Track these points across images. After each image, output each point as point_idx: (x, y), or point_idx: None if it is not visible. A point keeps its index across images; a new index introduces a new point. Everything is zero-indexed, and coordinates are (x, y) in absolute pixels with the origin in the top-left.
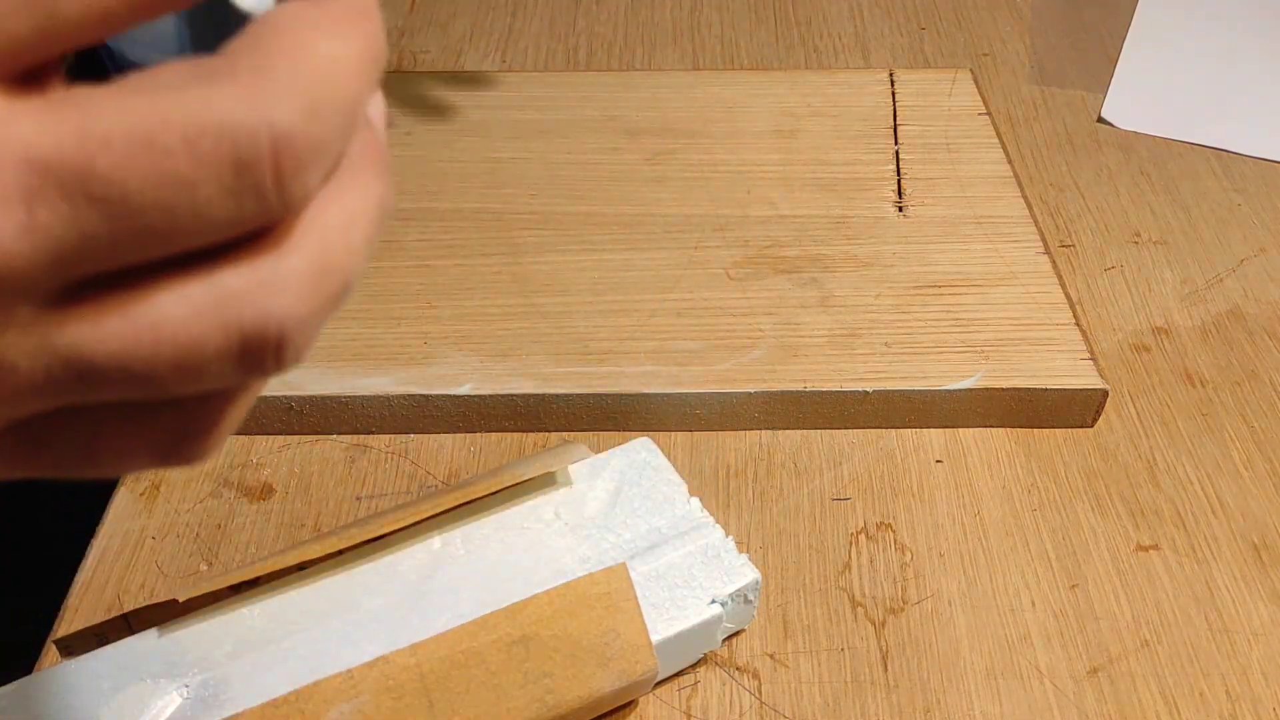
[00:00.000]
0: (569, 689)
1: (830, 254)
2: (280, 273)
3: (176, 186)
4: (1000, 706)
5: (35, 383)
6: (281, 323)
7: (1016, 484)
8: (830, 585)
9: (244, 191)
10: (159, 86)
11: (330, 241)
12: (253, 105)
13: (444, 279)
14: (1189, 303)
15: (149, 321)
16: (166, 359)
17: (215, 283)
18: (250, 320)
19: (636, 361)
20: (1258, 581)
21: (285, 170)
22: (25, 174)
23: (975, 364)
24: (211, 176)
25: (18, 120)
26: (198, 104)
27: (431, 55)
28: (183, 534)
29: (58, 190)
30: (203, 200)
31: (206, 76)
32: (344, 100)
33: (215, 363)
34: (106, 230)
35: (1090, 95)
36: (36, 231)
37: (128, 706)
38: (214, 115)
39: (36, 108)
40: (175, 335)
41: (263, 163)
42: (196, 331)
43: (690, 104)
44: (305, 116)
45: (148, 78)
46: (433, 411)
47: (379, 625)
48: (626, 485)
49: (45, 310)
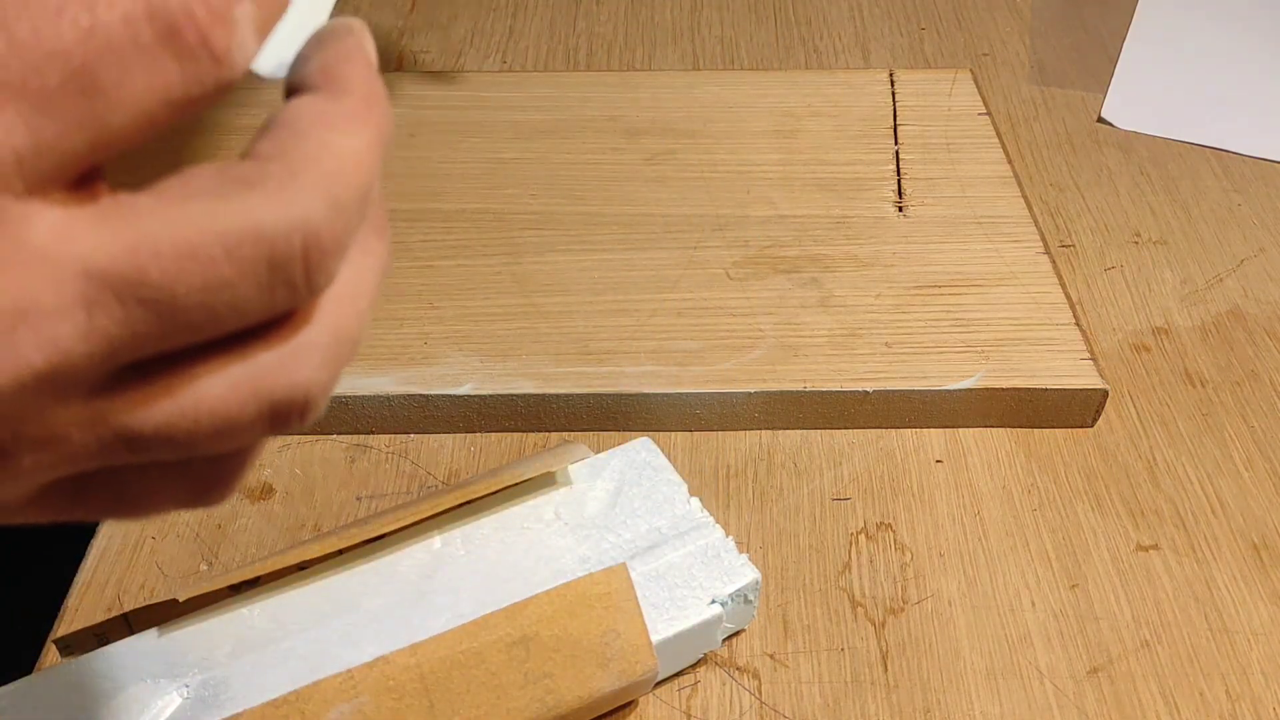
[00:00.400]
0: (569, 689)
1: (830, 254)
2: (304, 346)
3: (219, 288)
4: (1000, 706)
5: (87, 451)
6: (307, 390)
7: (1016, 484)
8: (830, 585)
9: (277, 286)
10: (199, 194)
11: (344, 310)
12: (285, 211)
13: (445, 279)
14: (1189, 303)
15: (191, 398)
16: (205, 429)
17: (248, 360)
18: (281, 391)
19: (636, 361)
20: (1258, 581)
21: (314, 265)
22: (84, 284)
23: (975, 364)
24: (249, 277)
25: (77, 235)
26: (236, 213)
27: (432, 56)
28: (183, 534)
29: (114, 298)
30: (241, 297)
31: (242, 183)
32: (361, 191)
33: (248, 429)
34: (156, 328)
35: (1090, 95)
36: (94, 335)
37: (128, 706)
38: (251, 223)
39: (91, 219)
40: (214, 409)
41: (295, 261)
42: (234, 404)
43: (690, 104)
44: (330, 213)
45: (187, 184)
46: (433, 411)
47: (379, 625)
48: (626, 485)
49: (97, 392)
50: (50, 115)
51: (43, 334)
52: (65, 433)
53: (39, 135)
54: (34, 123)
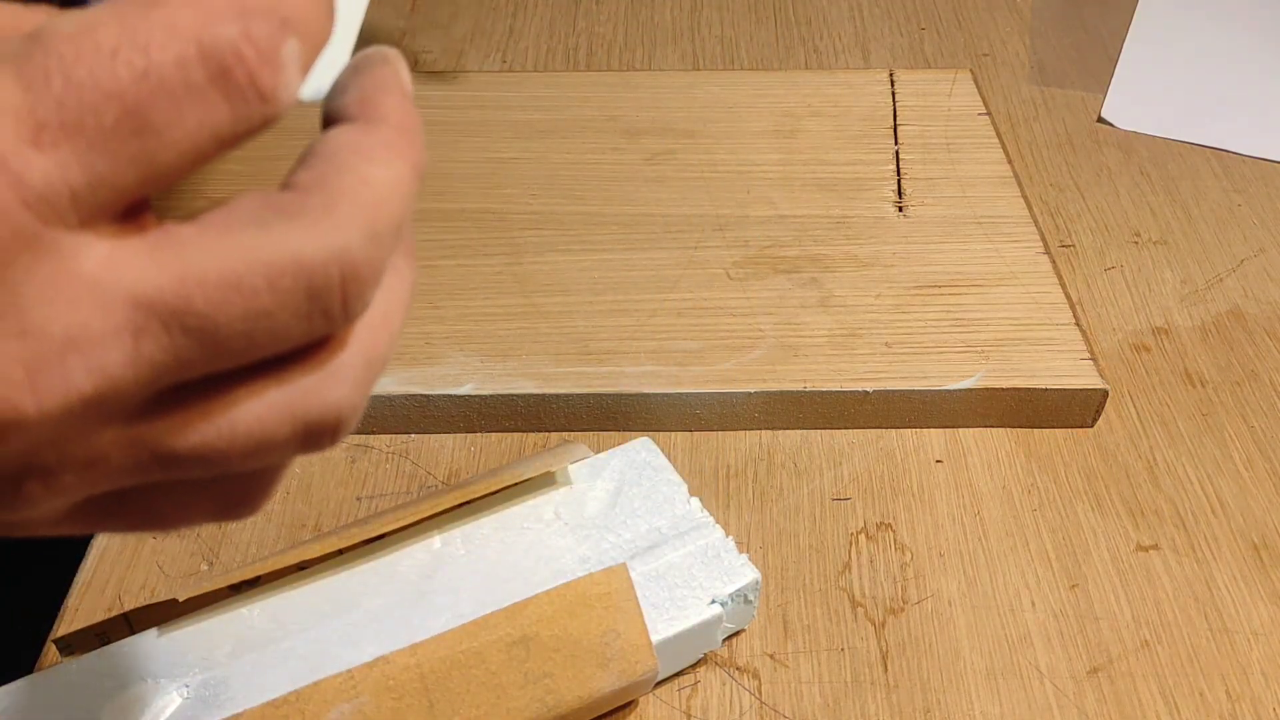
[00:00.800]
0: (569, 689)
1: (830, 254)
2: (339, 369)
3: (259, 317)
4: (1000, 706)
5: (125, 470)
6: (339, 411)
7: (1016, 484)
8: (830, 585)
9: (315, 315)
10: (242, 225)
11: (377, 334)
12: (324, 241)
13: (445, 279)
14: (1189, 303)
15: (228, 420)
16: (241, 449)
17: (284, 383)
18: (315, 412)
19: (636, 361)
20: (1258, 581)
21: (351, 295)
22: (132, 313)
23: (975, 364)
24: (289, 306)
25: (125, 265)
26: (277, 245)
27: (433, 56)
28: (183, 534)
29: (160, 325)
30: (281, 325)
31: (283, 215)
32: (397, 221)
33: (282, 448)
34: (199, 355)
35: (1090, 95)
36: (140, 360)
37: (128, 706)
38: (291, 254)
39: (139, 250)
40: (250, 430)
41: (333, 291)
42: (270, 425)
43: (690, 104)
44: (368, 244)
45: (230, 214)
46: (433, 411)
47: (379, 625)
48: (626, 485)
49: (138, 414)
50: (104, 153)
51: (92, 361)
52: (106, 453)
53: (92, 172)
54: (88, 160)
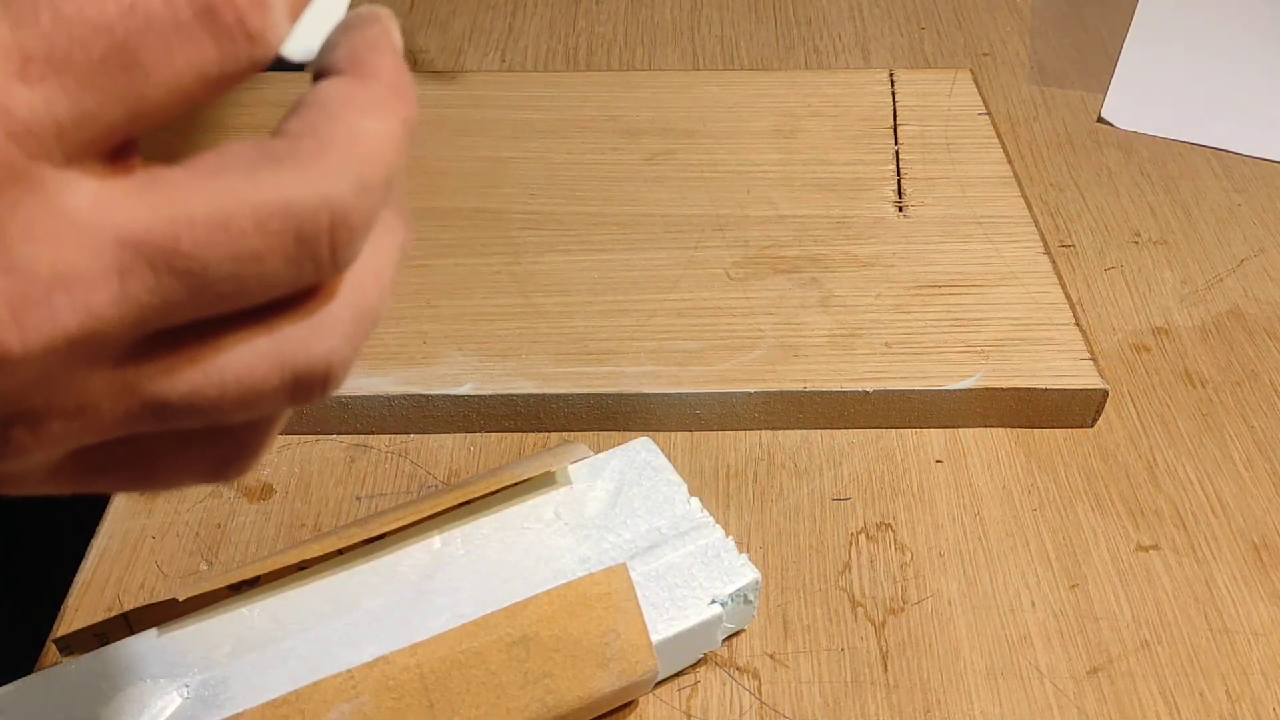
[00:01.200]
0: (569, 689)
1: (830, 254)
2: (328, 319)
3: (248, 260)
4: (1000, 706)
5: (116, 419)
6: (329, 362)
7: (1016, 484)
8: (830, 585)
9: (304, 260)
10: (231, 169)
11: (367, 287)
12: (313, 187)
13: (444, 278)
14: (1189, 303)
15: (217, 367)
16: (230, 397)
17: (274, 331)
18: (303, 362)
19: (636, 361)
20: (1258, 581)
21: (340, 242)
22: (119, 252)
23: (975, 364)
24: (277, 250)
25: (113, 204)
26: (266, 188)
27: (431, 55)
28: (183, 534)
29: (147, 266)
30: (269, 270)
31: (272, 160)
32: (387, 174)
33: (272, 398)
34: (186, 297)
35: (1090, 95)
36: (127, 301)
37: (128, 706)
38: (280, 198)
39: (127, 189)
40: (239, 378)
41: (321, 237)
42: (259, 373)
43: (690, 104)
44: (357, 193)
45: (221, 158)
46: (433, 411)
47: (379, 625)
48: (626, 485)
49: (127, 359)
50: (91, 89)
51: (78, 299)
52: (95, 399)
53: (79, 107)
54: (75, 95)
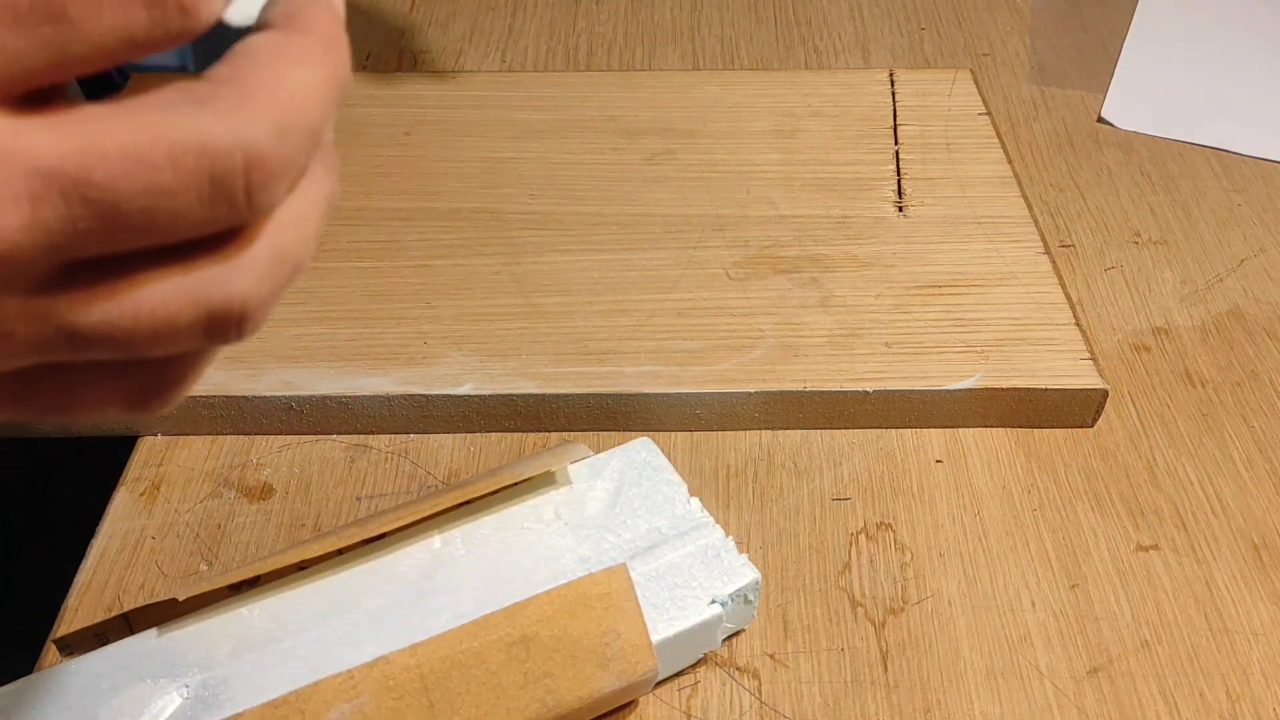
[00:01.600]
0: (569, 689)
1: (830, 254)
2: (245, 261)
3: (160, 194)
4: (1000, 706)
5: (30, 345)
6: (244, 301)
7: (1016, 484)
8: (830, 585)
9: (218, 201)
10: (153, 107)
11: (287, 233)
12: (230, 128)
13: (444, 279)
14: (1189, 303)
15: (131, 299)
16: (145, 330)
17: (190, 269)
18: (218, 300)
19: (636, 361)
20: (1258, 581)
21: (255, 184)
22: (31, 179)
23: (975, 364)
24: (191, 187)
25: (27, 134)
26: (183, 126)
27: (431, 55)
28: (183, 534)
29: (59, 195)
30: (182, 206)
31: (194, 100)
32: (311, 124)
33: (186, 333)
34: (98, 227)
35: (1090, 95)
36: (38, 227)
37: (128, 706)
38: (196, 136)
39: (43, 124)
40: (154, 311)
41: (236, 178)
42: (173, 308)
43: (690, 104)
44: (276, 139)
45: (143, 97)
46: (433, 411)
47: (379, 625)
48: (626, 485)
49: (42, 287)
50: (14, 32)
51: None
52: (9, 326)
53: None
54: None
